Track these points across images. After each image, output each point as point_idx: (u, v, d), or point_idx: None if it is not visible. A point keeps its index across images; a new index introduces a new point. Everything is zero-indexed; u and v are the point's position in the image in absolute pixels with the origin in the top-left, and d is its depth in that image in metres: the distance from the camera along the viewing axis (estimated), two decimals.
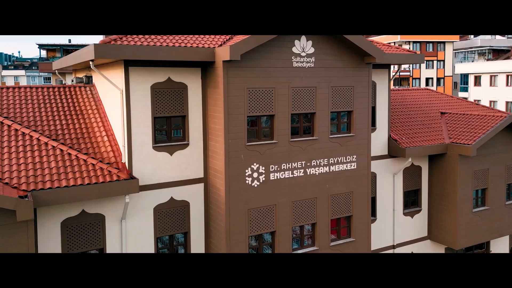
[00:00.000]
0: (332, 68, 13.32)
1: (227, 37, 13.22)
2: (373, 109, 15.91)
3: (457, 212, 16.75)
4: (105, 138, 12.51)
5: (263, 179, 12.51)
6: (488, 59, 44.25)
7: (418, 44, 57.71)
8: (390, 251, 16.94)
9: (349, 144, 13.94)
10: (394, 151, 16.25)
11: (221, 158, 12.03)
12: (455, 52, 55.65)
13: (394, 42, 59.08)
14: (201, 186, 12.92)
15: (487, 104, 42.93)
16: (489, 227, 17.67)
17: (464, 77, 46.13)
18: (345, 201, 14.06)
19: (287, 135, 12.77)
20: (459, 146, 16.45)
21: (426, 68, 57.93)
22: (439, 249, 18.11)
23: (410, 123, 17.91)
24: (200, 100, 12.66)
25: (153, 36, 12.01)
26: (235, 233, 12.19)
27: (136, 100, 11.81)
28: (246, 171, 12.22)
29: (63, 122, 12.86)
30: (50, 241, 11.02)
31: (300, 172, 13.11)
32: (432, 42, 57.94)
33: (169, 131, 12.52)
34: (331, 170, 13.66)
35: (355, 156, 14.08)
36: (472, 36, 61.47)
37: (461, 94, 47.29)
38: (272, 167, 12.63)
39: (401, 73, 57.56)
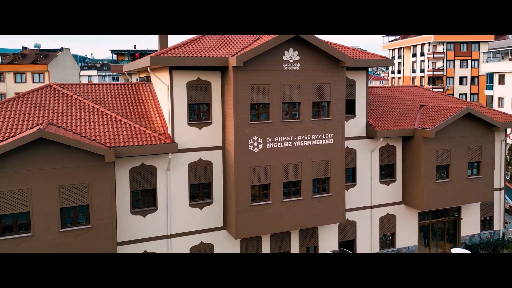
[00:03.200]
0: (313, 70, 18.79)
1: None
2: (353, 101, 21.16)
3: (422, 182, 21.57)
4: (158, 118, 18.85)
5: (261, 147, 18.25)
6: (510, 59, 46.81)
7: (452, 44, 60.51)
8: (368, 210, 22.08)
9: (327, 125, 19.33)
10: (370, 133, 21.37)
11: (232, 132, 17.91)
12: (482, 52, 57.89)
13: (429, 43, 62.19)
14: (220, 151, 18.92)
15: (509, 102, 45.68)
16: (451, 196, 22.27)
17: (490, 76, 48.96)
18: (324, 166, 19.48)
19: (279, 117, 18.42)
20: (422, 130, 21.27)
21: (460, 67, 60.65)
22: (411, 211, 22.97)
23: (389, 113, 22.87)
24: (219, 92, 18.64)
25: (187, 49, 18.12)
26: (241, 182, 18.03)
27: (177, 93, 17.99)
28: (249, 141, 18.01)
29: (131, 107, 19.36)
30: (122, 182, 17.46)
31: (288, 143, 18.72)
32: (467, 43, 60.51)
33: (198, 113, 18.61)
34: (313, 143, 19.14)
35: (332, 134, 19.45)
36: (510, 36, 62.96)
37: (487, 92, 50.06)
38: (268, 139, 18.34)
39: (435, 73, 60.64)
